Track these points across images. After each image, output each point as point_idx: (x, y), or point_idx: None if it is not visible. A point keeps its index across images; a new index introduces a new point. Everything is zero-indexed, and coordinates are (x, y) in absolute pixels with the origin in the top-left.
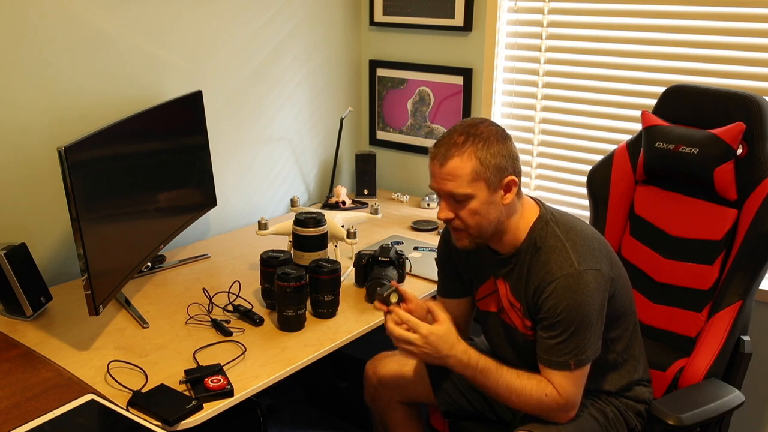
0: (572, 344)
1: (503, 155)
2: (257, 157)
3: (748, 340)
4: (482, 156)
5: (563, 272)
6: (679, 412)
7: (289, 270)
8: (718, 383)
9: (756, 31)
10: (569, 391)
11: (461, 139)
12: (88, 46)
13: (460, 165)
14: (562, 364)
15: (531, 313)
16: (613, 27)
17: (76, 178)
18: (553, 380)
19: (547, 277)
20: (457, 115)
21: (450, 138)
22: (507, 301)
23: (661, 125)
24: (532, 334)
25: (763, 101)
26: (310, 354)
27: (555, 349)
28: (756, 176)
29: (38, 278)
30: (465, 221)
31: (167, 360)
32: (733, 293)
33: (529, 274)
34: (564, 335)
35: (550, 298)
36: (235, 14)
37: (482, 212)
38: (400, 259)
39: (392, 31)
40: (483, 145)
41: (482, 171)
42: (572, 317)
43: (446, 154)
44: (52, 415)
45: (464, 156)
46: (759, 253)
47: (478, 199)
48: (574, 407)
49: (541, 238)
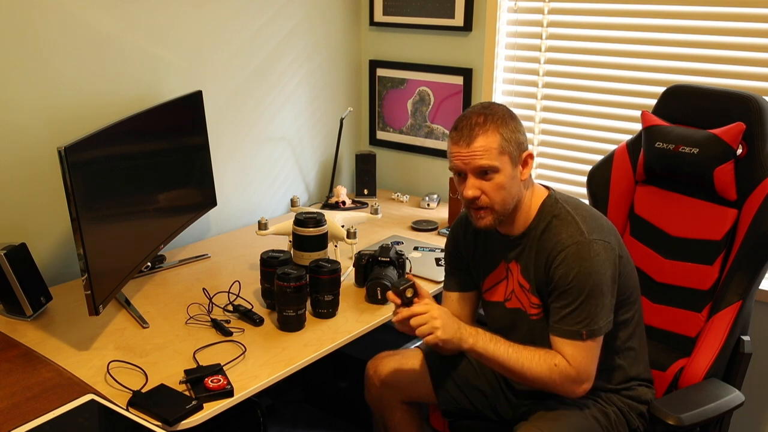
0: (584, 312)
1: (520, 131)
2: (257, 157)
3: (748, 340)
4: (504, 132)
5: (573, 240)
6: (679, 412)
7: (289, 270)
8: (718, 383)
9: (756, 31)
10: (581, 362)
11: (481, 119)
12: (89, 46)
13: (487, 141)
14: (574, 333)
15: (540, 289)
16: (613, 27)
17: (76, 178)
18: (563, 350)
19: (558, 246)
20: (457, 115)
21: (469, 120)
22: (517, 284)
23: (661, 125)
24: (538, 312)
25: (763, 101)
26: (310, 354)
27: (567, 318)
28: (756, 176)
29: (38, 278)
30: (491, 197)
31: (167, 360)
32: (733, 293)
33: (539, 250)
34: (575, 303)
35: (561, 266)
36: (235, 14)
37: (507, 187)
38: (400, 259)
39: (392, 31)
40: (502, 122)
41: (506, 146)
42: (583, 284)
43: (471, 133)
44: (52, 415)
45: (488, 133)
46: (759, 253)
47: (504, 173)
48: (587, 380)
49: (552, 213)
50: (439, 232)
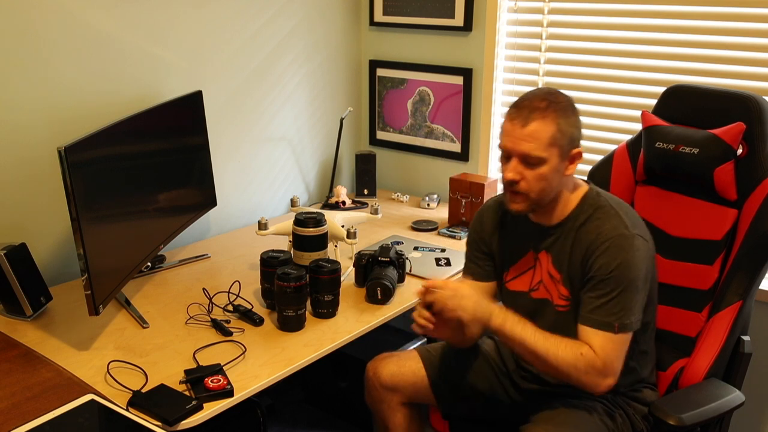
0: (619, 305)
1: (577, 126)
2: (257, 157)
3: (748, 340)
4: (562, 123)
5: (617, 232)
6: (680, 412)
7: (289, 270)
8: (718, 383)
9: (755, 31)
10: (609, 354)
11: (543, 104)
12: (89, 46)
13: (541, 128)
14: (607, 325)
15: (572, 280)
16: (613, 27)
17: (76, 178)
18: (592, 341)
19: (601, 236)
20: (457, 115)
21: (531, 102)
22: (547, 274)
23: (661, 125)
24: (566, 304)
25: (763, 101)
26: (310, 354)
27: (602, 308)
28: (756, 176)
29: (38, 278)
30: (531, 185)
31: (167, 360)
32: (733, 293)
33: (577, 240)
34: (612, 294)
35: (603, 256)
36: (235, 14)
37: (549, 178)
38: (400, 259)
39: (392, 31)
40: (563, 113)
41: (559, 138)
42: (623, 276)
43: (529, 116)
44: (52, 415)
45: (546, 120)
46: (759, 253)
47: (550, 164)
48: (612, 374)
49: (594, 206)
50: (439, 232)
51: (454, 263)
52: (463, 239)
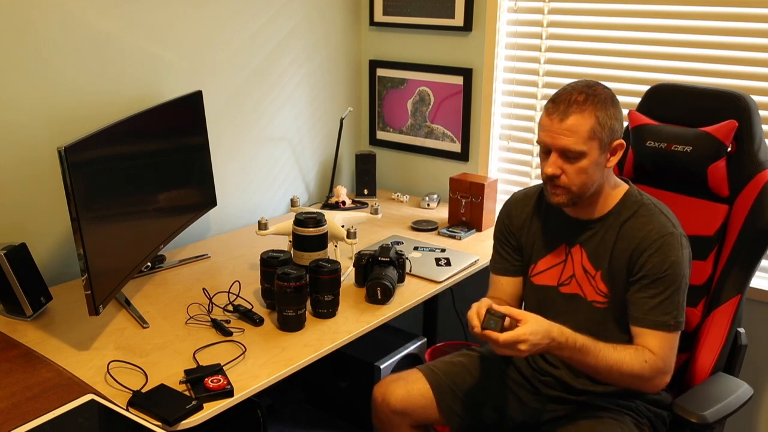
0: (674, 303)
1: (617, 118)
2: (257, 157)
3: (743, 332)
4: (601, 116)
5: (667, 231)
6: (702, 410)
7: (289, 270)
8: (726, 377)
9: (754, 31)
10: (667, 353)
11: (581, 98)
12: (89, 46)
13: (580, 122)
14: (663, 324)
15: (614, 277)
16: (614, 27)
17: (76, 178)
18: (650, 343)
19: (652, 234)
20: (457, 115)
21: (570, 95)
22: (580, 269)
23: (651, 124)
24: (605, 301)
25: (750, 99)
26: (310, 354)
27: (658, 308)
28: (747, 172)
29: (38, 278)
30: (571, 178)
31: (167, 360)
32: (731, 288)
33: (621, 237)
34: (667, 292)
35: (656, 255)
36: (235, 14)
37: (589, 171)
38: (400, 259)
39: (392, 31)
40: (602, 105)
41: (599, 131)
42: (676, 274)
43: (567, 110)
44: (52, 415)
45: (585, 114)
46: (755, 247)
47: (590, 158)
48: (670, 371)
49: (638, 204)
50: (439, 232)
51: (454, 263)
52: (463, 239)
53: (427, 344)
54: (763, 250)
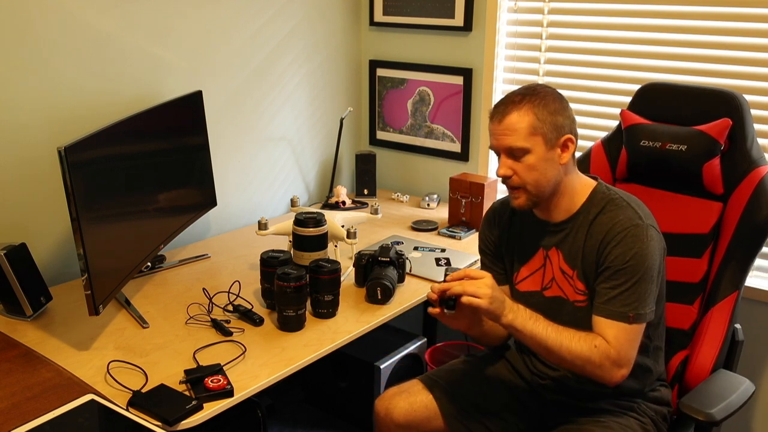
0: (635, 295)
1: (562, 114)
2: (257, 157)
3: (739, 328)
4: (538, 112)
5: (632, 223)
6: (709, 407)
7: (289, 270)
8: (728, 374)
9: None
10: (623, 344)
11: (518, 98)
12: (89, 46)
13: (517, 119)
14: (621, 315)
15: (587, 274)
16: (614, 27)
17: (76, 178)
18: (606, 332)
19: (616, 227)
20: (457, 115)
21: (508, 98)
22: (559, 271)
23: (644, 123)
24: (584, 299)
25: (742, 98)
26: (310, 354)
27: (617, 299)
28: (741, 170)
29: (38, 278)
30: (522, 177)
31: (167, 360)
32: (728, 284)
33: (590, 233)
34: (628, 284)
35: (619, 246)
36: (235, 14)
37: (539, 168)
38: (400, 259)
39: (392, 31)
40: (540, 102)
41: (539, 126)
42: (638, 265)
43: (504, 110)
44: (52, 415)
45: (521, 111)
46: (752, 244)
47: (535, 154)
48: (626, 365)
49: (604, 199)
50: (439, 232)
51: (454, 263)
52: (463, 239)
53: (427, 344)
54: (759, 246)
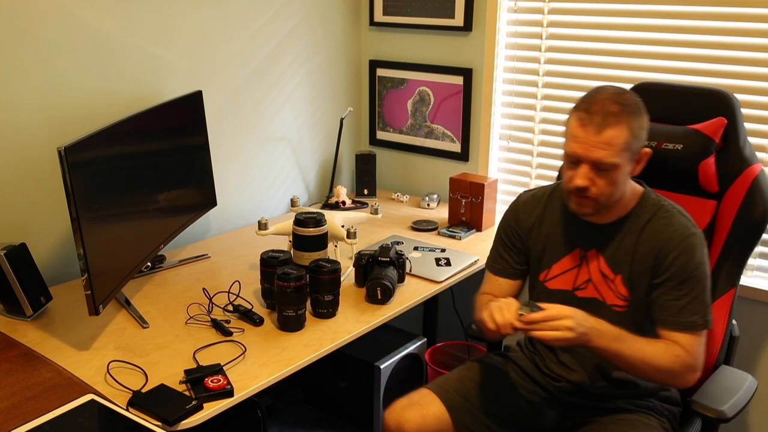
0: (702, 302)
1: (645, 128)
2: (257, 157)
3: (735, 323)
4: (634, 127)
5: (690, 231)
6: (720, 405)
7: (289, 270)
8: (732, 370)
9: (751, 31)
10: (698, 352)
11: (616, 108)
12: (89, 46)
13: (616, 134)
14: (692, 325)
15: (634, 280)
16: (614, 27)
17: (76, 178)
18: (681, 342)
19: (675, 236)
20: (457, 115)
21: (603, 106)
22: (598, 274)
23: None
24: (625, 305)
25: (734, 97)
26: (310, 354)
27: (686, 309)
28: (735, 168)
29: (38, 278)
30: (601, 190)
31: (167, 360)
32: (725, 281)
33: (641, 239)
34: (693, 293)
35: (681, 256)
36: (235, 14)
37: (619, 182)
38: (400, 259)
39: (392, 31)
40: (634, 115)
41: (632, 142)
42: (701, 275)
43: (603, 122)
44: (52, 415)
45: (621, 126)
46: (748, 241)
47: (622, 169)
48: (701, 368)
49: (655, 206)
50: (439, 232)
51: (454, 263)
52: (463, 239)
53: (427, 344)
54: (756, 242)
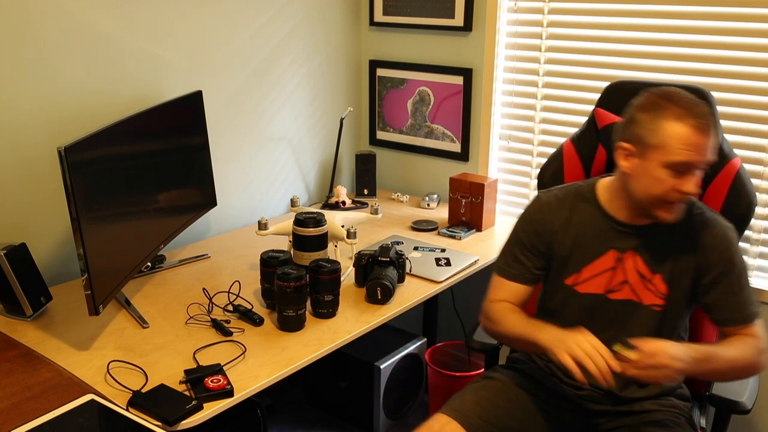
0: (750, 291)
1: None
2: (257, 157)
3: None
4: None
5: (725, 225)
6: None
7: (289, 270)
8: None
9: (752, 31)
10: (765, 334)
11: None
12: (88, 46)
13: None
14: (755, 315)
15: (674, 277)
16: (614, 27)
17: (76, 178)
18: (752, 333)
19: (716, 233)
20: (457, 115)
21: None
22: (636, 274)
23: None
24: (664, 303)
25: (711, 95)
26: (310, 354)
27: (744, 303)
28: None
29: (38, 278)
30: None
31: (167, 360)
32: None
33: (680, 236)
34: (744, 284)
35: (726, 251)
36: (235, 14)
37: None
38: (400, 259)
39: (392, 31)
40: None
41: None
42: (743, 264)
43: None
44: (52, 415)
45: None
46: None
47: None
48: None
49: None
50: (439, 232)
51: (454, 263)
52: (463, 239)
53: (427, 344)
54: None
